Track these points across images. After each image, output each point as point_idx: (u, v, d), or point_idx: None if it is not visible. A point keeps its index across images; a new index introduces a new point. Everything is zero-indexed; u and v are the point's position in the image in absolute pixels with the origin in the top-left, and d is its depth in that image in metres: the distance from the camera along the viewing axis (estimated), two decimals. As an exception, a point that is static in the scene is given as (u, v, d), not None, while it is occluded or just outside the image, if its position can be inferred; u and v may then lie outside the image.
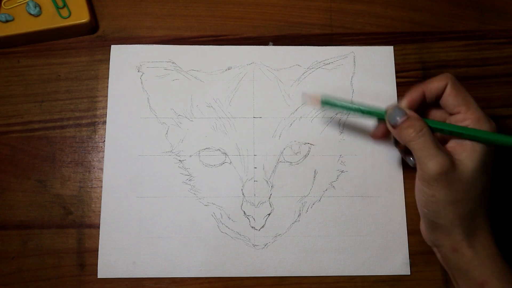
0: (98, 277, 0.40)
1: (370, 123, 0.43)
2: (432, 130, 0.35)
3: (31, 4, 0.43)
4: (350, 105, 0.38)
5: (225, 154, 0.43)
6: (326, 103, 0.39)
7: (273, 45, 0.45)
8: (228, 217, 0.41)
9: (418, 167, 0.35)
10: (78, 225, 0.41)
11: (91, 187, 0.42)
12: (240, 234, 0.41)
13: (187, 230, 0.41)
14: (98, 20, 0.46)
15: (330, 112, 0.44)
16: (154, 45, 0.45)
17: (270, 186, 0.42)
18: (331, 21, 0.46)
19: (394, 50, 0.45)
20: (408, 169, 0.43)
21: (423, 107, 0.37)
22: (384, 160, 0.43)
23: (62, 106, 0.44)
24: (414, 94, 0.36)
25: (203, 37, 0.46)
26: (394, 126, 0.35)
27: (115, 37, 0.45)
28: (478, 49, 0.46)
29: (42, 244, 0.41)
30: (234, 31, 0.46)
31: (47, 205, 0.42)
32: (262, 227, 0.41)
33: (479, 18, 0.47)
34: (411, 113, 0.35)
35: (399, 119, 0.35)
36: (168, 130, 0.43)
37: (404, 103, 0.36)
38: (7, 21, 0.43)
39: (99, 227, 0.41)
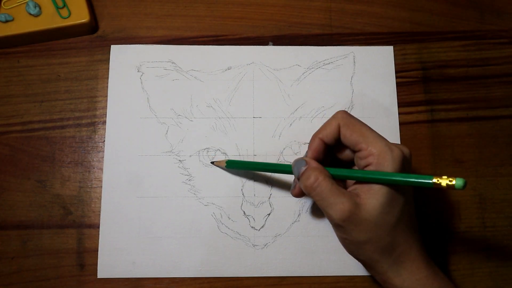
0: (98, 277, 0.40)
1: (368, 124, 0.43)
2: (336, 177, 0.34)
3: (31, 4, 0.43)
4: (255, 165, 0.40)
5: (225, 154, 0.43)
6: (231, 164, 0.41)
7: (273, 45, 0.45)
8: (228, 217, 0.41)
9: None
10: (78, 225, 0.41)
11: (91, 187, 0.42)
12: (240, 234, 0.41)
13: (187, 230, 0.41)
14: (98, 20, 0.46)
15: (331, 113, 0.44)
16: (154, 45, 0.45)
17: (270, 186, 0.42)
18: (331, 21, 0.46)
19: (394, 50, 0.45)
20: (408, 169, 0.43)
21: (339, 148, 0.36)
22: (384, 160, 0.43)
23: (62, 106, 0.44)
24: (314, 144, 0.35)
25: (203, 37, 0.46)
26: (298, 178, 0.35)
27: (115, 37, 0.45)
28: (478, 49, 0.46)
29: (42, 244, 0.41)
30: (234, 31, 0.46)
31: (47, 205, 0.42)
32: (262, 227, 0.41)
33: (479, 18, 0.47)
34: (310, 162, 0.34)
35: (300, 170, 0.34)
36: (168, 130, 0.43)
37: (309, 153, 0.36)
38: (7, 21, 0.43)
39: (99, 227, 0.41)
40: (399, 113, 0.44)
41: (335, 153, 0.37)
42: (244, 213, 0.42)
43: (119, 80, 0.44)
